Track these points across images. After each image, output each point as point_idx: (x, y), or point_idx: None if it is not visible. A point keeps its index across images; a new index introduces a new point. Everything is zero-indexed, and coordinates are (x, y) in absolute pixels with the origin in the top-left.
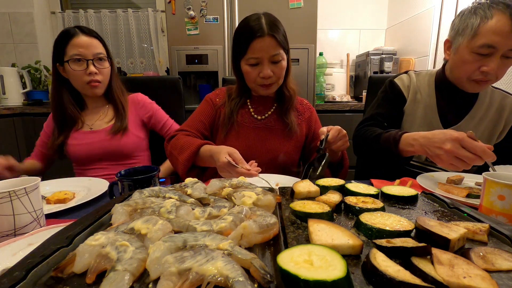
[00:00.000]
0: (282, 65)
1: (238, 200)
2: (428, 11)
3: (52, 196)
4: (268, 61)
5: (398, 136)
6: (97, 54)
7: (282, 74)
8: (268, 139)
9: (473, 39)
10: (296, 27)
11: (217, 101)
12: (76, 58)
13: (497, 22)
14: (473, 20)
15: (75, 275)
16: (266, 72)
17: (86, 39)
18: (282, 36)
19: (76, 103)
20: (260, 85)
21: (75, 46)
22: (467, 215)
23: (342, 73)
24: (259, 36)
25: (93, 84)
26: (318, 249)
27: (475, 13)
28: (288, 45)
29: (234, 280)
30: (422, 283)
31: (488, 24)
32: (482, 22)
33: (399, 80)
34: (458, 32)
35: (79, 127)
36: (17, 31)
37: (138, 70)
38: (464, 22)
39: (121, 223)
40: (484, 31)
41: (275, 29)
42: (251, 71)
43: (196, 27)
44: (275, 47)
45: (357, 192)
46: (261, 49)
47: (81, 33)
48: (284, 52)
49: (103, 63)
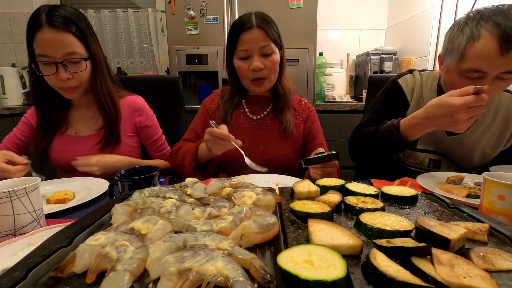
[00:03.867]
0: (273, 59)
1: (238, 200)
2: (428, 11)
3: (52, 196)
4: (258, 53)
5: (396, 122)
6: (68, 54)
7: (274, 68)
8: (264, 140)
9: (460, 62)
10: (296, 27)
11: (211, 107)
12: (43, 60)
13: (484, 45)
14: (459, 41)
15: (75, 275)
16: (256, 64)
17: (53, 34)
18: (272, 30)
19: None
20: (252, 81)
21: (40, 44)
22: (467, 215)
23: (342, 73)
24: (247, 28)
25: (65, 90)
26: (318, 249)
27: (462, 32)
28: (281, 41)
29: (234, 280)
30: (422, 283)
31: (474, 47)
32: (468, 44)
33: (403, 81)
34: (446, 52)
35: (63, 130)
36: (17, 31)
37: (138, 70)
38: (452, 41)
39: (121, 223)
40: (470, 54)
41: (265, 22)
42: (242, 65)
43: (196, 27)
44: (264, 39)
45: (357, 192)
46: (250, 40)
47: (48, 25)
48: (277, 47)
49: (77, 66)
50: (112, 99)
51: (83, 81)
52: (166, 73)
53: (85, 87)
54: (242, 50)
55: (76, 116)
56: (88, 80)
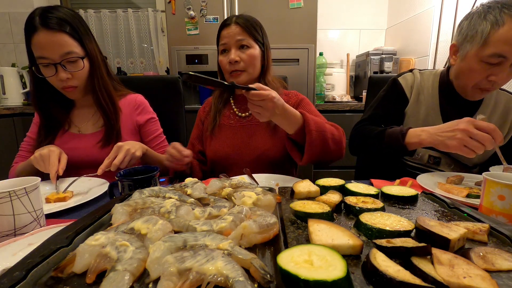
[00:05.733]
0: (251, 53)
1: (238, 200)
2: (428, 11)
3: (52, 195)
4: (235, 47)
5: (405, 130)
6: (65, 54)
7: (251, 62)
8: (253, 136)
9: (482, 47)
10: (296, 27)
11: (203, 115)
12: (42, 63)
13: (509, 30)
14: (483, 27)
15: (75, 275)
16: (232, 57)
17: (48, 36)
18: (252, 26)
19: (62, 101)
20: (230, 73)
21: (37, 46)
22: (467, 215)
23: (342, 73)
24: (227, 25)
25: (67, 90)
26: (318, 249)
27: (485, 19)
28: (263, 38)
29: (234, 280)
30: (422, 283)
31: (499, 32)
32: (492, 30)
33: (403, 79)
34: (466, 39)
35: (66, 128)
36: (17, 31)
37: (138, 70)
38: (474, 28)
39: (121, 223)
40: (495, 39)
41: (244, 20)
42: (222, 59)
43: (196, 27)
44: (241, 33)
45: (357, 192)
46: (228, 35)
47: (42, 27)
48: (255, 42)
49: (75, 65)
50: (111, 97)
51: (82, 79)
52: (166, 73)
53: (85, 86)
54: (222, 44)
55: (79, 115)
56: (87, 78)
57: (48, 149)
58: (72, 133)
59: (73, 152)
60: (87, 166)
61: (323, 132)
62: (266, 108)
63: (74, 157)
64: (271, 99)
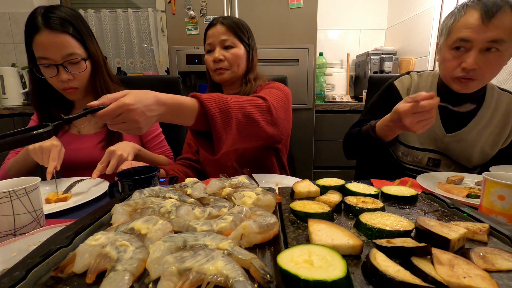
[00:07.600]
0: (235, 52)
1: (238, 200)
2: (428, 11)
3: (52, 195)
4: (219, 46)
5: (373, 123)
6: (68, 55)
7: (235, 61)
8: None
9: (448, 36)
10: (296, 27)
11: None
12: (43, 63)
13: (468, 17)
14: (447, 20)
15: (75, 275)
16: (216, 55)
17: (51, 36)
18: (237, 27)
19: (62, 101)
20: (214, 71)
21: (39, 46)
22: (467, 215)
23: (342, 73)
24: (212, 25)
25: (68, 91)
26: (318, 249)
27: (452, 14)
28: (248, 39)
29: (234, 280)
30: (422, 283)
31: (459, 21)
32: (455, 21)
33: (399, 82)
34: (440, 34)
35: (66, 129)
36: (17, 31)
37: (138, 70)
38: (443, 23)
39: (121, 223)
40: (456, 27)
41: (230, 21)
42: (208, 57)
43: (196, 27)
44: (225, 33)
45: (357, 192)
46: (213, 35)
47: (45, 27)
48: (240, 42)
49: (77, 66)
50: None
51: (83, 81)
52: (166, 73)
53: (85, 87)
54: (208, 44)
55: None
56: (88, 80)
57: (51, 143)
58: (72, 134)
59: (75, 153)
60: (88, 167)
61: (232, 109)
62: (130, 120)
63: (75, 158)
64: (127, 110)
